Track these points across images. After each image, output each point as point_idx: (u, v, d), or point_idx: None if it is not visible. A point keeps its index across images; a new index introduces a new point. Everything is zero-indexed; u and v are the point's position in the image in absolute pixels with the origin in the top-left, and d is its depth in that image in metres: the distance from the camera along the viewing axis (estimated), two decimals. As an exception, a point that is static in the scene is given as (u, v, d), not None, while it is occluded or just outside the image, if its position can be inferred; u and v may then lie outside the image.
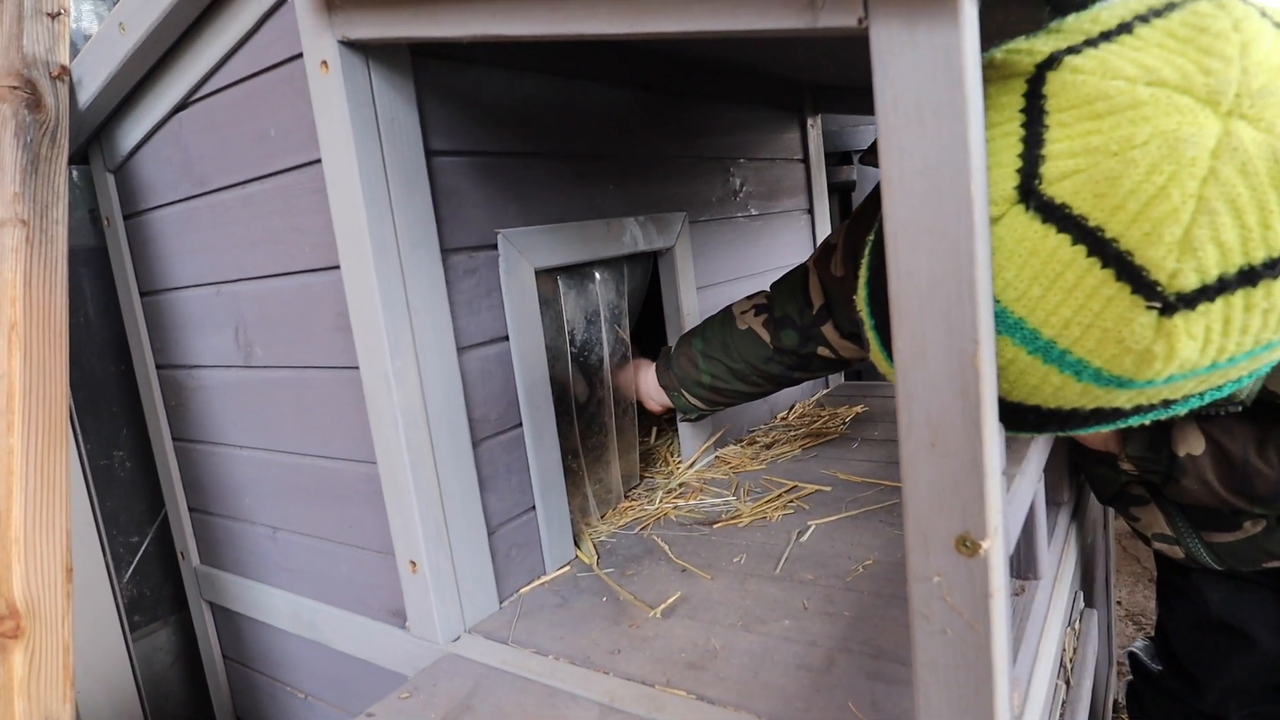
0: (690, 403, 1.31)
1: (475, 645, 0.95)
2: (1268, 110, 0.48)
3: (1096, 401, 0.57)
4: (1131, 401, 0.57)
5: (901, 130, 0.51)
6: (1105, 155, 0.49)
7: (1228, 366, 0.53)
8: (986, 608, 0.55)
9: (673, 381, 1.31)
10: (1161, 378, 0.53)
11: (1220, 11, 0.50)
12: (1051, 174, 0.51)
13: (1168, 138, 0.48)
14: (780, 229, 1.79)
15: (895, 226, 0.52)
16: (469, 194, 0.99)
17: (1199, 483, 0.90)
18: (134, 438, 1.42)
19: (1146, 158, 0.48)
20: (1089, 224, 0.50)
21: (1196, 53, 0.50)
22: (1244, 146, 0.47)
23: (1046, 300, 0.53)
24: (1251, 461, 0.85)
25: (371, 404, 0.92)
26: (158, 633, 1.46)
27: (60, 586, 0.95)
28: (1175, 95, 0.49)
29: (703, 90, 1.51)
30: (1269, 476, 0.85)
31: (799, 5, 0.53)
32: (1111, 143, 0.49)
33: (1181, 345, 0.50)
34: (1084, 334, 0.52)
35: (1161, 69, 0.49)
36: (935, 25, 0.48)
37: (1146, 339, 0.51)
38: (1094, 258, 0.50)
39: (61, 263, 1.02)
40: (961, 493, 0.54)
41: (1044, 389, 0.57)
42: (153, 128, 1.13)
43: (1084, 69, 0.51)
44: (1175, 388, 0.55)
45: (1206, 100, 0.48)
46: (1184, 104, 0.48)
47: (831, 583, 0.99)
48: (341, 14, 0.80)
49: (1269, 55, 0.49)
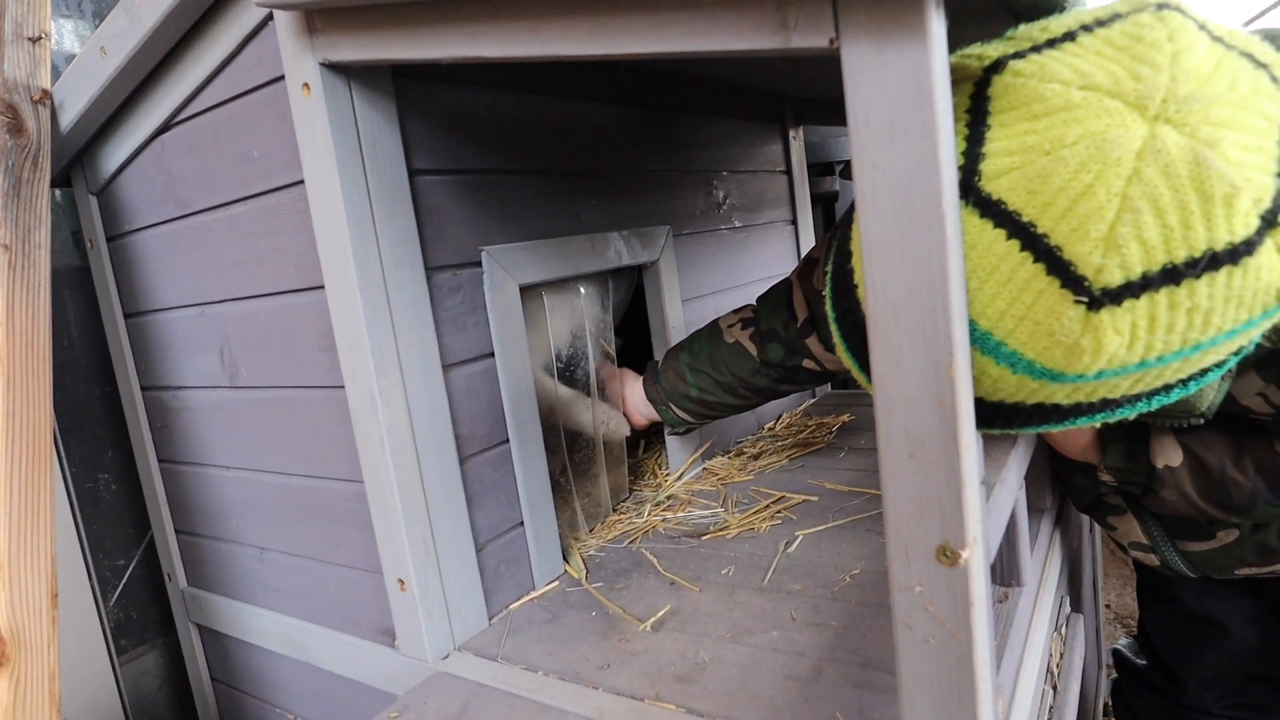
0: (678, 416, 1.31)
1: (465, 663, 0.95)
2: (1192, 115, 0.50)
3: (1034, 396, 0.59)
4: (1069, 398, 0.59)
5: (874, 147, 0.52)
6: (1039, 154, 0.51)
7: (1159, 365, 0.55)
8: (968, 616, 0.55)
9: (660, 395, 1.31)
10: (1091, 372, 0.55)
11: (1158, 23, 0.53)
12: (990, 171, 0.53)
13: (1096, 139, 0.50)
14: (764, 241, 1.80)
15: (870, 242, 0.53)
16: (452, 212, 0.99)
17: (1177, 493, 0.92)
18: (119, 460, 1.41)
19: (1075, 157, 0.50)
20: (1022, 219, 0.52)
21: (1130, 60, 0.52)
22: (1168, 149, 0.49)
23: (983, 292, 0.55)
24: (1229, 473, 0.87)
25: (357, 423, 0.92)
26: (145, 656, 1.45)
27: (45, 613, 0.94)
28: (1106, 99, 0.51)
29: (684, 105, 1.52)
30: (1245, 487, 0.87)
31: (771, 27, 0.54)
32: (1045, 142, 0.51)
33: (1108, 340, 0.52)
34: (1017, 326, 0.54)
35: (1095, 74, 0.52)
36: (904, 45, 0.49)
37: (1075, 332, 0.53)
38: (1026, 252, 0.52)
39: (45, 287, 1.02)
40: (940, 503, 0.54)
41: (983, 380, 0.59)
42: (135, 150, 1.13)
43: (1025, 72, 0.54)
44: (1110, 385, 0.57)
45: (1135, 104, 0.50)
46: (1113, 107, 0.51)
47: (819, 593, 0.99)
48: (323, 37, 0.80)
49: (1199, 65, 0.51)
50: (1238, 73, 0.52)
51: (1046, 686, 1.00)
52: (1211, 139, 0.49)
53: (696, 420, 1.33)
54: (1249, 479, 0.86)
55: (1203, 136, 0.49)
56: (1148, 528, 1.05)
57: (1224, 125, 0.50)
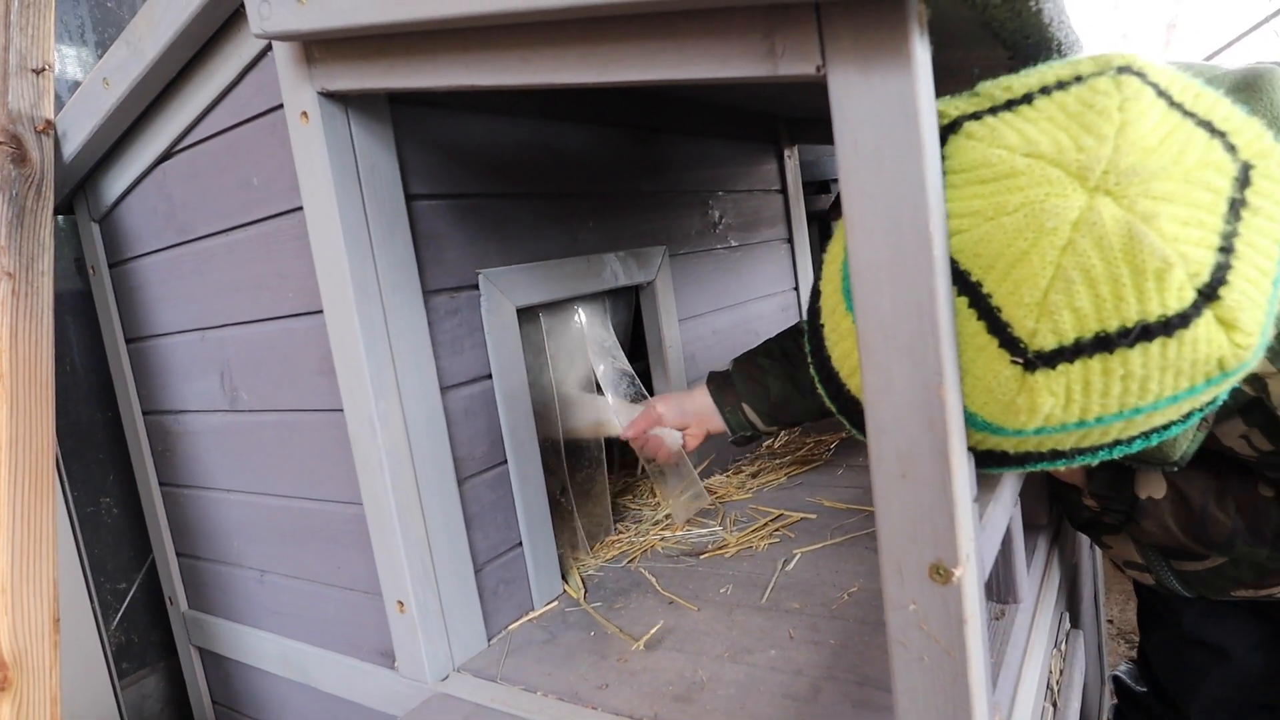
0: (746, 420, 1.23)
1: (464, 684, 0.96)
2: (1131, 188, 0.50)
3: (983, 443, 0.61)
4: (1016, 448, 0.60)
5: (861, 172, 0.53)
6: (983, 219, 0.53)
7: (1099, 425, 0.56)
8: (961, 634, 0.56)
9: (730, 398, 1.23)
10: (1029, 428, 0.56)
11: (1113, 89, 0.53)
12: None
13: (1034, 207, 0.51)
14: (761, 259, 1.82)
15: (858, 264, 0.54)
16: (449, 236, 1.01)
17: (1158, 525, 0.92)
18: (121, 484, 1.42)
19: (1014, 224, 0.52)
20: (971, 278, 0.53)
21: (1077, 128, 0.53)
22: (1103, 221, 0.50)
23: None
24: (1210, 510, 0.88)
25: (356, 446, 0.93)
26: (146, 679, 1.45)
27: (47, 637, 0.95)
28: (1048, 167, 0.52)
29: (679, 126, 1.54)
30: (1225, 525, 0.87)
31: (759, 54, 0.55)
32: (989, 208, 0.53)
33: (1042, 401, 0.54)
34: (962, 377, 0.56)
35: (1040, 141, 0.53)
36: (889, 71, 0.50)
37: (1011, 391, 0.54)
38: (973, 309, 0.54)
39: (47, 314, 1.03)
40: (933, 521, 0.55)
41: None
42: (137, 178, 1.15)
43: (976, 135, 0.55)
44: (1054, 439, 0.58)
45: (1076, 174, 0.51)
46: (1054, 176, 0.52)
47: (817, 611, 1.00)
48: (320, 66, 0.82)
49: (1145, 136, 0.52)
50: (1188, 144, 0.52)
51: (1046, 704, 1.00)
52: (1149, 212, 0.50)
53: (766, 425, 1.25)
54: (1230, 517, 0.87)
55: (1140, 210, 0.50)
56: (1142, 547, 1.05)
57: (1163, 199, 0.50)
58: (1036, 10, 0.60)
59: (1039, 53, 0.78)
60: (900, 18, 0.49)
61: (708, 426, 1.26)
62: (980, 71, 0.69)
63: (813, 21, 0.52)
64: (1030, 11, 0.60)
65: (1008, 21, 0.63)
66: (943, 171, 0.55)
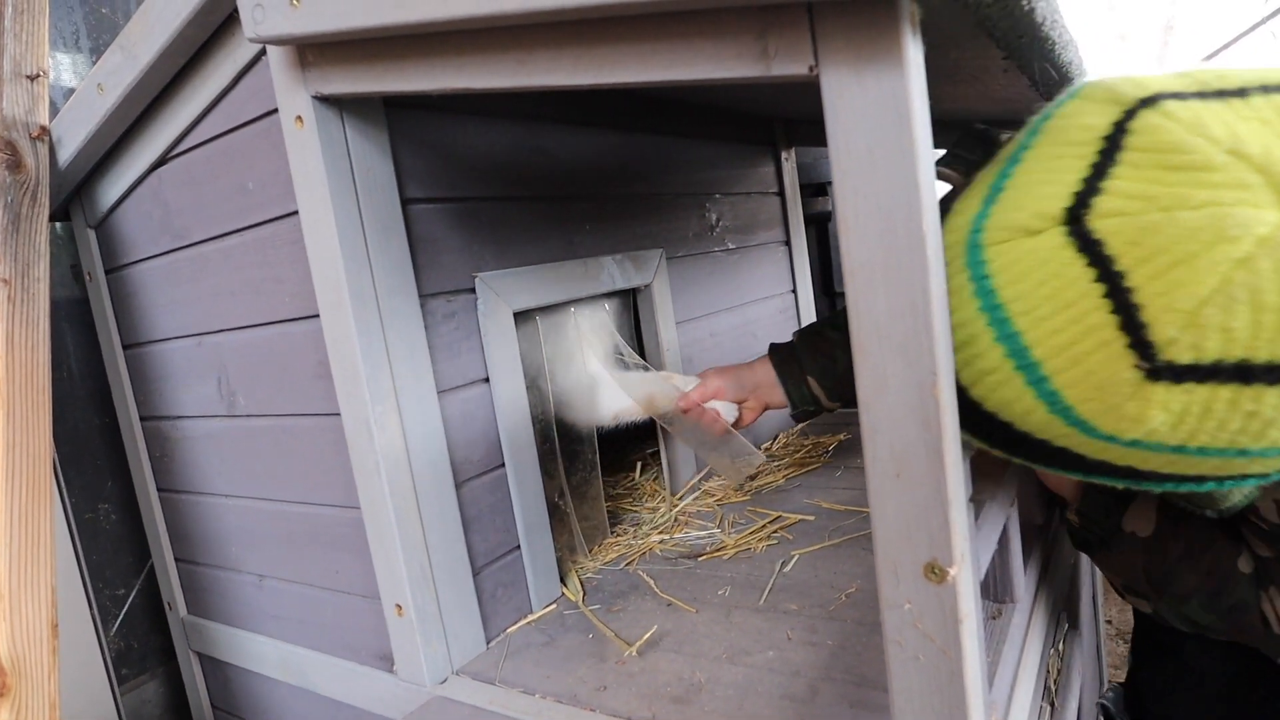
0: (811, 393, 1.19)
1: (463, 687, 0.96)
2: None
3: (1061, 439, 0.57)
4: (1096, 454, 0.57)
5: (855, 172, 0.53)
6: (1156, 207, 0.48)
7: (1198, 456, 0.53)
8: (957, 633, 0.56)
9: (795, 371, 1.19)
10: (1125, 438, 0.53)
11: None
12: (1101, 208, 0.51)
13: (1220, 210, 0.47)
14: (758, 261, 1.82)
15: (852, 264, 0.54)
16: (446, 239, 1.01)
17: (1126, 560, 0.86)
18: (119, 490, 1.42)
19: (1192, 221, 0.47)
20: (1115, 266, 0.49)
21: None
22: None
23: (1049, 322, 0.53)
24: (1183, 564, 0.81)
25: (354, 450, 0.93)
26: (146, 685, 1.45)
27: (46, 643, 0.95)
28: (1249, 172, 0.47)
29: (676, 129, 1.54)
30: (1191, 584, 0.81)
31: (753, 55, 0.55)
32: (1168, 197, 0.48)
33: (1154, 414, 0.50)
34: (1069, 367, 0.52)
35: (1249, 142, 0.48)
36: (882, 72, 0.50)
37: (1123, 395, 0.51)
38: (1108, 300, 0.50)
39: (44, 320, 1.03)
40: (927, 521, 0.55)
41: (1015, 406, 0.58)
42: (132, 184, 1.15)
43: (1176, 116, 0.50)
44: (1141, 456, 0.55)
45: (1276, 186, 0.47)
46: (1253, 182, 0.47)
47: (815, 612, 1.00)
48: (315, 70, 0.82)
49: None
50: None
51: (1044, 704, 1.00)
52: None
53: (830, 401, 1.20)
54: (1199, 577, 0.80)
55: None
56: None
57: None
58: (1029, 9, 0.60)
59: (1033, 52, 0.78)
60: (892, 18, 0.49)
61: (767, 400, 1.22)
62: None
63: (805, 22, 0.52)
64: (1023, 11, 0.60)
65: (1000, 21, 0.63)
66: (1121, 146, 0.52)
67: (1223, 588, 0.77)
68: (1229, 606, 0.77)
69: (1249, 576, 0.76)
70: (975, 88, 1.09)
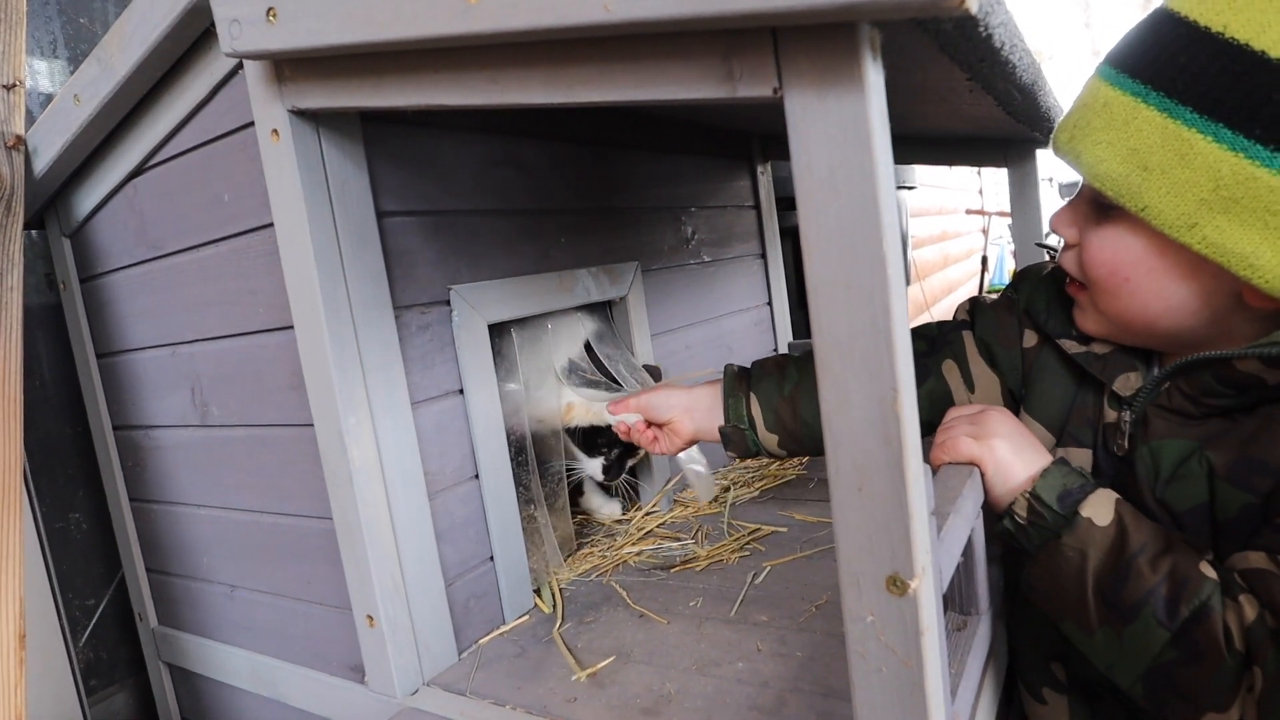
0: (750, 415, 1.06)
1: (434, 698, 0.96)
2: None
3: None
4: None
5: (816, 192, 0.54)
6: None
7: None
8: (919, 645, 0.57)
9: (740, 384, 1.08)
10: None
11: None
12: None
13: None
14: (734, 274, 1.83)
15: (814, 282, 0.55)
16: (420, 252, 1.01)
17: (1077, 554, 0.77)
18: (90, 499, 1.41)
19: None
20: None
21: None
22: None
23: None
24: (1140, 560, 0.74)
25: (326, 461, 0.93)
26: (115, 696, 1.44)
27: (13, 654, 0.94)
28: None
29: (651, 143, 1.55)
30: (1145, 585, 0.73)
31: (718, 77, 0.56)
32: None
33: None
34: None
35: None
36: (844, 94, 0.52)
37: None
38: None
39: (16, 329, 1.03)
40: (889, 534, 0.56)
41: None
42: (108, 194, 1.15)
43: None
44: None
45: None
46: None
47: (785, 624, 1.01)
48: (291, 85, 0.82)
49: None
50: None
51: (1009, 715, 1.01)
52: None
53: (766, 429, 1.06)
54: (1157, 577, 0.72)
55: None
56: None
57: None
58: (987, 36, 0.62)
59: (995, 74, 0.80)
60: (853, 42, 0.50)
61: (700, 423, 1.12)
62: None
63: (770, 45, 0.53)
64: (980, 37, 0.61)
65: (960, 45, 0.65)
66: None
67: (1181, 592, 0.72)
68: (1186, 620, 0.74)
69: (1214, 582, 0.73)
70: (944, 107, 1.11)
